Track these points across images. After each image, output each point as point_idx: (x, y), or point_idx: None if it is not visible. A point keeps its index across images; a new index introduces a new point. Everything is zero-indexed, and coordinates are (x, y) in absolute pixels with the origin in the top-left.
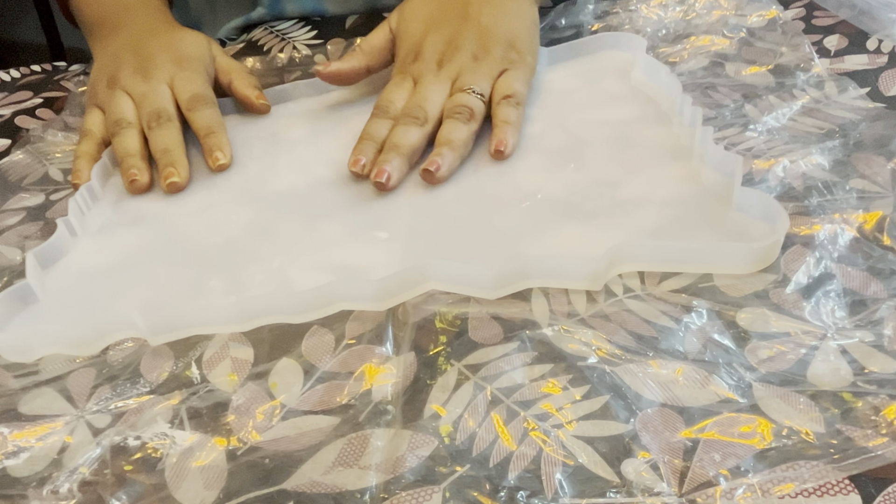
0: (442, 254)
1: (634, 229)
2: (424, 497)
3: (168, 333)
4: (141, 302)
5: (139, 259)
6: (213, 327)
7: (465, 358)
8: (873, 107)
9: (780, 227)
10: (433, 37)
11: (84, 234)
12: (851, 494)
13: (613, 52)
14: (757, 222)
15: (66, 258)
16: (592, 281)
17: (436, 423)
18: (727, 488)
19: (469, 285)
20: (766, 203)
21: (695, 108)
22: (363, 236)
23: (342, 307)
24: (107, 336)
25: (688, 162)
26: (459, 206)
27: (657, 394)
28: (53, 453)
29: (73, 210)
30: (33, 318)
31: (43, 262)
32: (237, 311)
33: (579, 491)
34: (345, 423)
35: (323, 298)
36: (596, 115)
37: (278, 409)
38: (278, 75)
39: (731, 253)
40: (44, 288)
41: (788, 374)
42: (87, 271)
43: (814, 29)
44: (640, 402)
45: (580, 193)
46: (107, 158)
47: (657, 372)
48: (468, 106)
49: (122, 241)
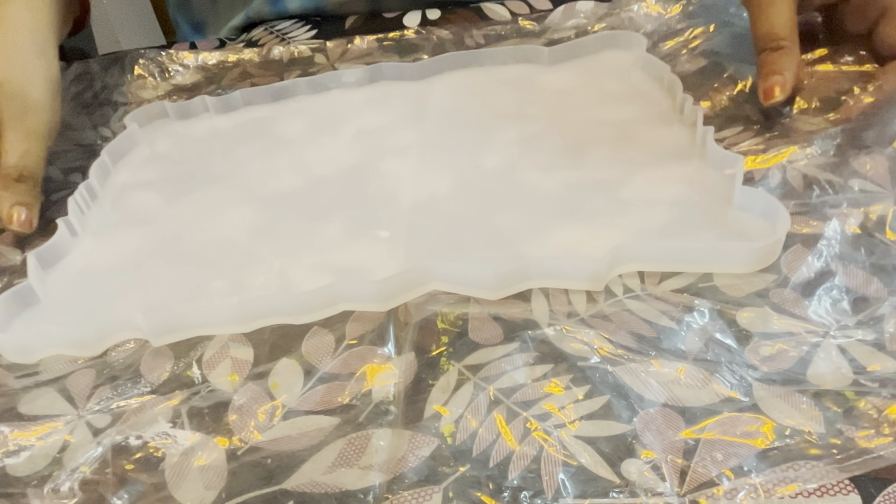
0: (443, 254)
1: (635, 229)
2: (425, 497)
3: (170, 334)
4: (142, 303)
5: (140, 259)
6: (214, 328)
7: (466, 358)
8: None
9: (781, 226)
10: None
11: (85, 234)
12: (851, 494)
13: (614, 52)
14: (758, 221)
15: (67, 258)
16: (594, 281)
17: (437, 424)
18: (729, 488)
19: (470, 286)
20: (767, 202)
21: (696, 107)
22: (364, 236)
23: (344, 308)
24: (109, 337)
25: (688, 161)
26: (460, 206)
27: (658, 393)
28: (54, 452)
29: (73, 209)
30: (35, 318)
31: (44, 262)
32: (239, 312)
33: (581, 491)
34: (346, 423)
35: (325, 299)
36: (597, 114)
37: (279, 408)
38: (277, 73)
39: (733, 252)
40: (45, 289)
41: (790, 373)
42: (88, 271)
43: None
44: (642, 402)
45: (581, 193)
46: (106, 157)
47: (658, 371)
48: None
49: (124, 241)
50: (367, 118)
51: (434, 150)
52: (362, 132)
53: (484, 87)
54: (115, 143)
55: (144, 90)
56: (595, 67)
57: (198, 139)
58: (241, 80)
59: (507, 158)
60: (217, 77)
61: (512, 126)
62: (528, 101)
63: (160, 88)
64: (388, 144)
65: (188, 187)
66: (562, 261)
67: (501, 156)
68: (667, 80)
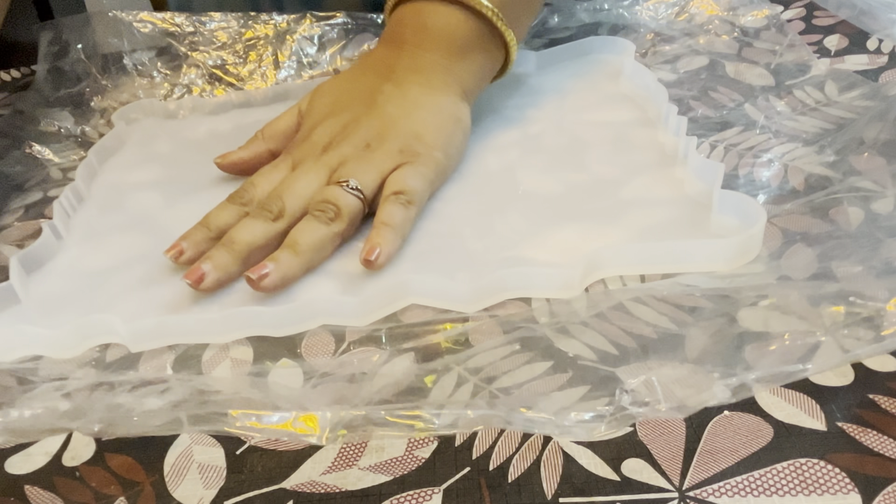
0: (424, 267)
1: (615, 235)
2: (424, 498)
3: (149, 341)
4: (124, 308)
5: (125, 264)
6: (194, 337)
7: (464, 359)
8: (874, 106)
9: (755, 222)
10: (331, 121)
11: (70, 237)
12: (851, 493)
13: (603, 56)
14: (736, 221)
15: (51, 262)
16: (567, 289)
17: (437, 424)
18: (728, 487)
19: (447, 299)
20: (745, 203)
21: (680, 117)
22: (349, 246)
23: (322, 322)
24: (87, 340)
25: (672, 170)
26: (460, 207)
27: (658, 393)
28: (53, 451)
29: (59, 213)
30: (15, 319)
31: (28, 265)
32: (218, 324)
33: (580, 491)
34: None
35: (303, 314)
36: (584, 118)
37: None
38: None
39: (708, 249)
40: (28, 290)
41: (790, 372)
42: (71, 274)
43: (814, 29)
44: (642, 402)
45: (562, 198)
46: (93, 157)
47: (658, 371)
48: (334, 203)
49: (109, 245)
50: None
51: None
52: None
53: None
54: (103, 143)
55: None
56: (584, 71)
57: (189, 140)
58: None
59: (507, 160)
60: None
61: (512, 128)
62: (526, 104)
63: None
64: None
65: (179, 189)
66: (532, 270)
67: (500, 157)
68: (653, 87)
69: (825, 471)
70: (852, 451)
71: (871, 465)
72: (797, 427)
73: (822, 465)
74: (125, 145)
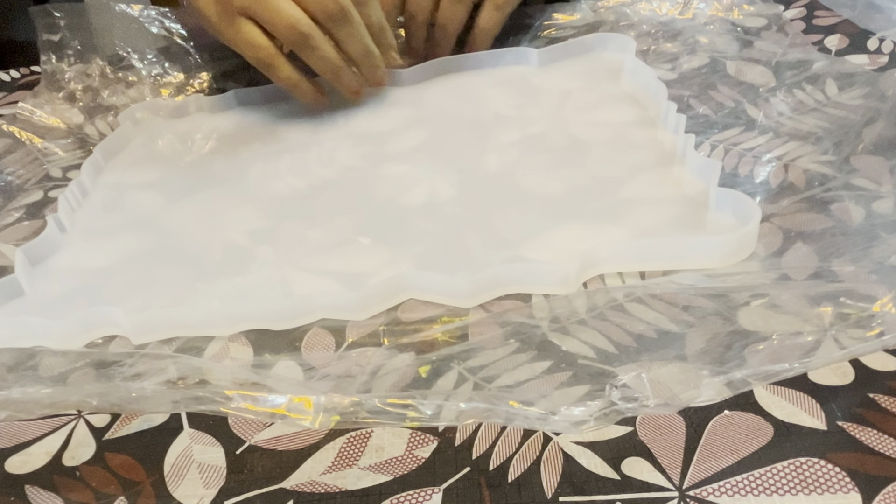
0: (424, 265)
1: (614, 234)
2: (424, 497)
3: (151, 334)
4: (126, 301)
5: (128, 257)
6: (195, 330)
7: (464, 358)
8: (874, 105)
9: (750, 219)
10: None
11: (74, 231)
12: (852, 493)
13: (604, 54)
14: (733, 220)
15: (55, 255)
16: (564, 285)
17: (437, 424)
18: (729, 486)
19: (445, 295)
20: (741, 201)
21: (679, 115)
22: (363, 240)
23: (321, 316)
24: (90, 332)
25: (670, 168)
26: (460, 208)
27: (658, 392)
28: (53, 451)
29: (63, 207)
30: (19, 310)
31: (32, 258)
32: (220, 316)
33: (580, 490)
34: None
35: (303, 308)
36: (584, 118)
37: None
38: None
39: (702, 246)
40: (32, 283)
41: (790, 371)
42: (75, 268)
43: (814, 29)
44: (642, 402)
45: (563, 195)
46: (98, 154)
47: (657, 371)
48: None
49: (112, 239)
50: (365, 123)
51: (433, 152)
52: (361, 136)
53: (478, 89)
54: (108, 141)
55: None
56: (585, 69)
57: (194, 140)
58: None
59: (507, 160)
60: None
61: (512, 128)
62: (526, 104)
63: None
64: (387, 148)
65: (182, 188)
66: (529, 266)
67: (500, 157)
68: (653, 85)
69: (825, 470)
70: (852, 451)
71: (872, 465)
72: (797, 426)
73: (822, 464)
74: (130, 144)
